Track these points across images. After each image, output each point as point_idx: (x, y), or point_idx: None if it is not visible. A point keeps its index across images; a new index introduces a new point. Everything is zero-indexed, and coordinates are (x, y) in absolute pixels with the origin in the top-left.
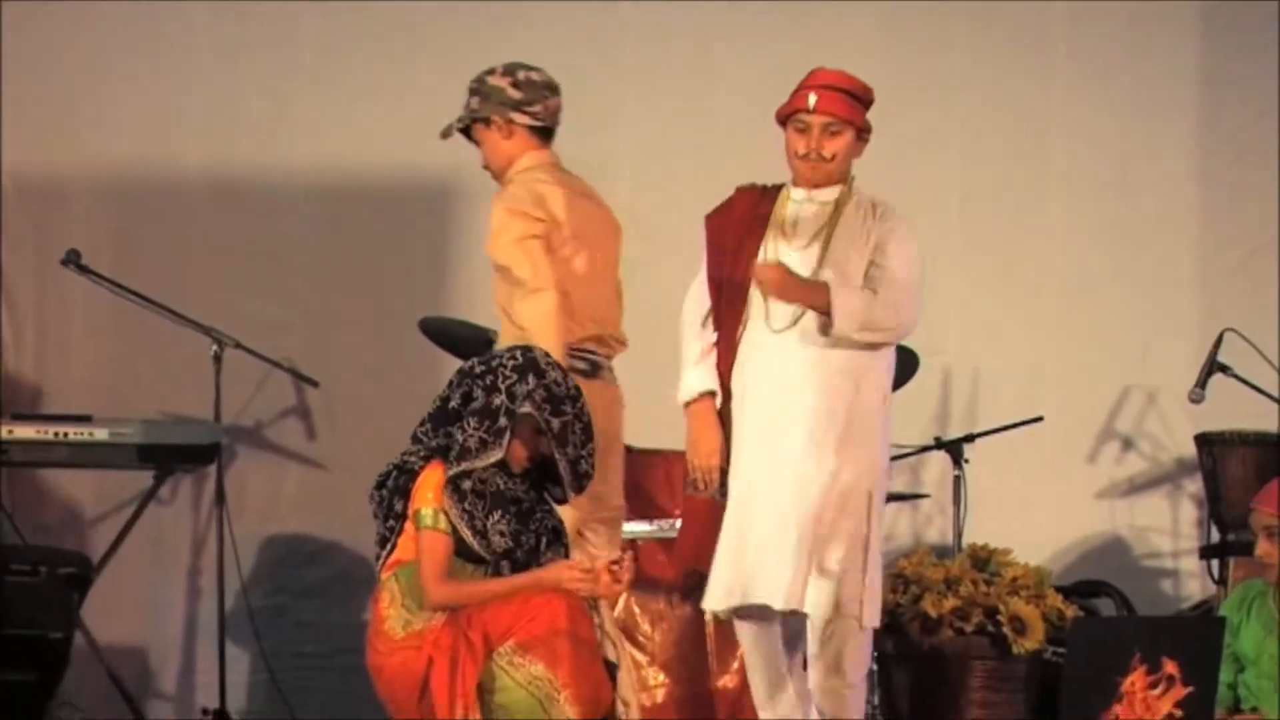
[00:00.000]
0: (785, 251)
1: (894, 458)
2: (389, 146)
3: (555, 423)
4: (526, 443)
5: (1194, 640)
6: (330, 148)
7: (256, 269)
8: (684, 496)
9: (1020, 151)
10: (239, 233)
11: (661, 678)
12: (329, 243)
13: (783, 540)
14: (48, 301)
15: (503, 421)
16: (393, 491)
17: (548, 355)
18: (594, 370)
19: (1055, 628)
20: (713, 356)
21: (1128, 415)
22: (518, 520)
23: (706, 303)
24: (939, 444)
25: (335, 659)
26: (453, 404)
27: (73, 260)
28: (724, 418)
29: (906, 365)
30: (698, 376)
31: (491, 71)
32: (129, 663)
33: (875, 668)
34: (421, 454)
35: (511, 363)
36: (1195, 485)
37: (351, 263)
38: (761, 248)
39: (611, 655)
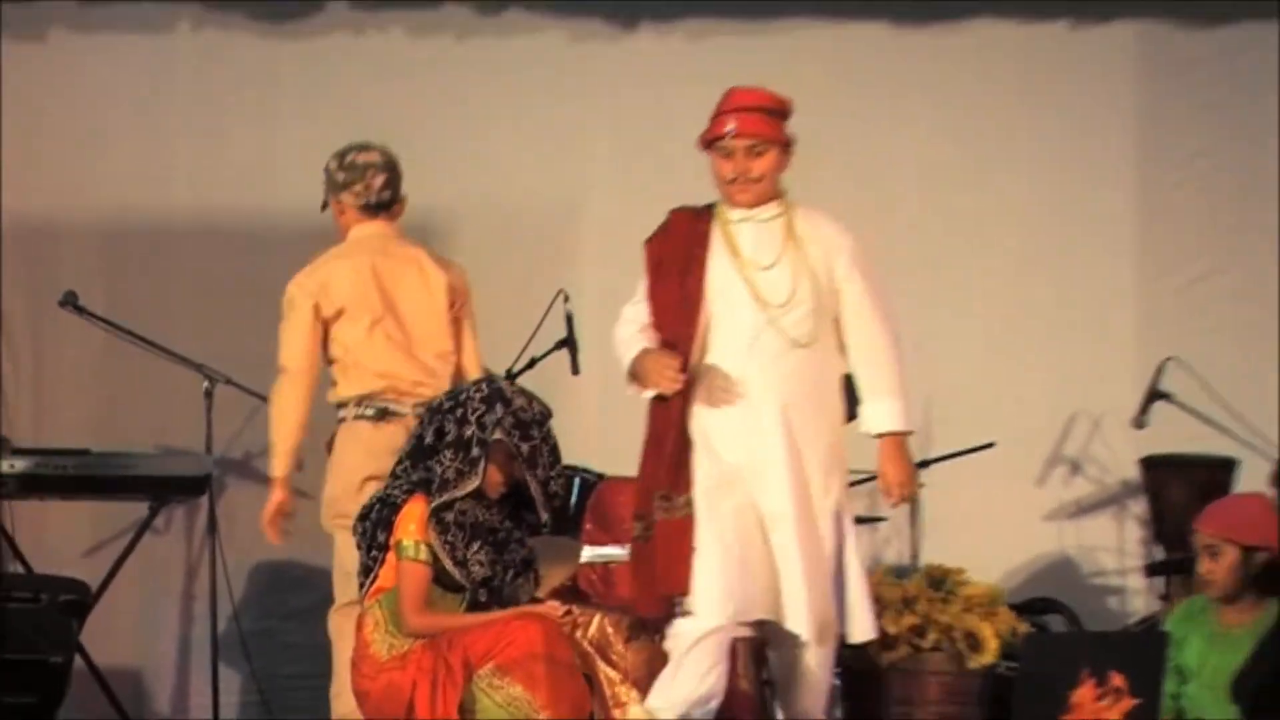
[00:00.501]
0: (759, 276)
1: (854, 483)
2: None
3: (525, 447)
4: (501, 468)
5: (1140, 654)
6: (311, 190)
7: (244, 307)
8: (658, 522)
9: (970, 187)
10: (227, 273)
11: (635, 695)
12: None
13: (806, 565)
14: (45, 340)
15: (476, 451)
16: (375, 523)
17: (512, 384)
18: (382, 415)
19: (1008, 643)
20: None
21: (1075, 440)
22: (494, 550)
23: (643, 319)
24: None
25: (321, 679)
26: (427, 440)
27: (70, 301)
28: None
29: None
30: (640, 344)
31: (335, 155)
32: (126, 684)
33: (839, 682)
34: (404, 487)
35: (479, 395)
36: (1140, 506)
37: None
38: (709, 267)
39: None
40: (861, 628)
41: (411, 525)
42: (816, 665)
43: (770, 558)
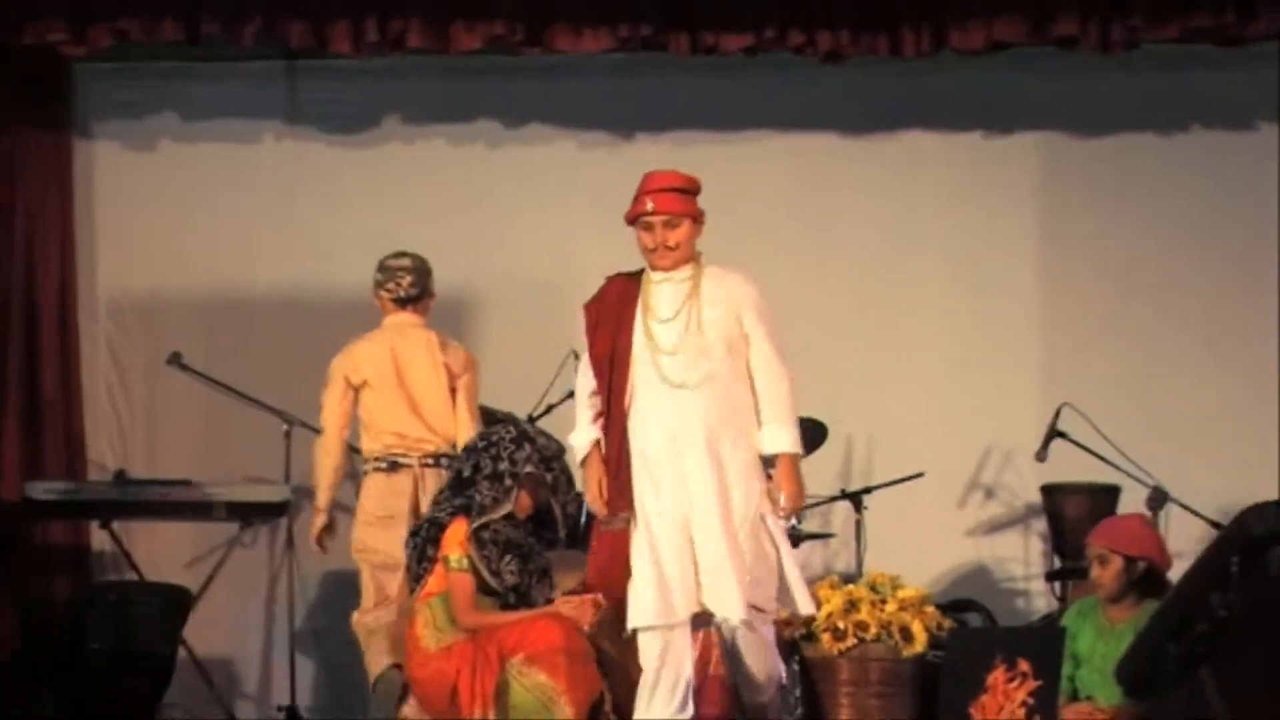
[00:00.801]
0: (656, 326)
1: (808, 506)
2: None
3: (549, 477)
4: (530, 494)
5: (1042, 645)
6: (370, 267)
7: (314, 364)
8: (596, 531)
9: (901, 265)
10: (301, 335)
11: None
12: None
13: (721, 561)
14: (155, 391)
15: (509, 481)
16: (425, 540)
17: (533, 425)
18: (393, 466)
19: (935, 636)
20: (599, 419)
21: (989, 471)
22: (521, 561)
23: (593, 380)
24: (844, 494)
25: None
26: (465, 474)
27: (175, 360)
28: (626, 462)
29: (817, 434)
30: (587, 433)
31: (379, 260)
32: (220, 672)
33: (797, 668)
34: (448, 511)
35: (508, 436)
36: (1041, 524)
37: None
38: (638, 324)
39: None
40: (803, 602)
41: (456, 543)
42: (752, 646)
43: (696, 559)
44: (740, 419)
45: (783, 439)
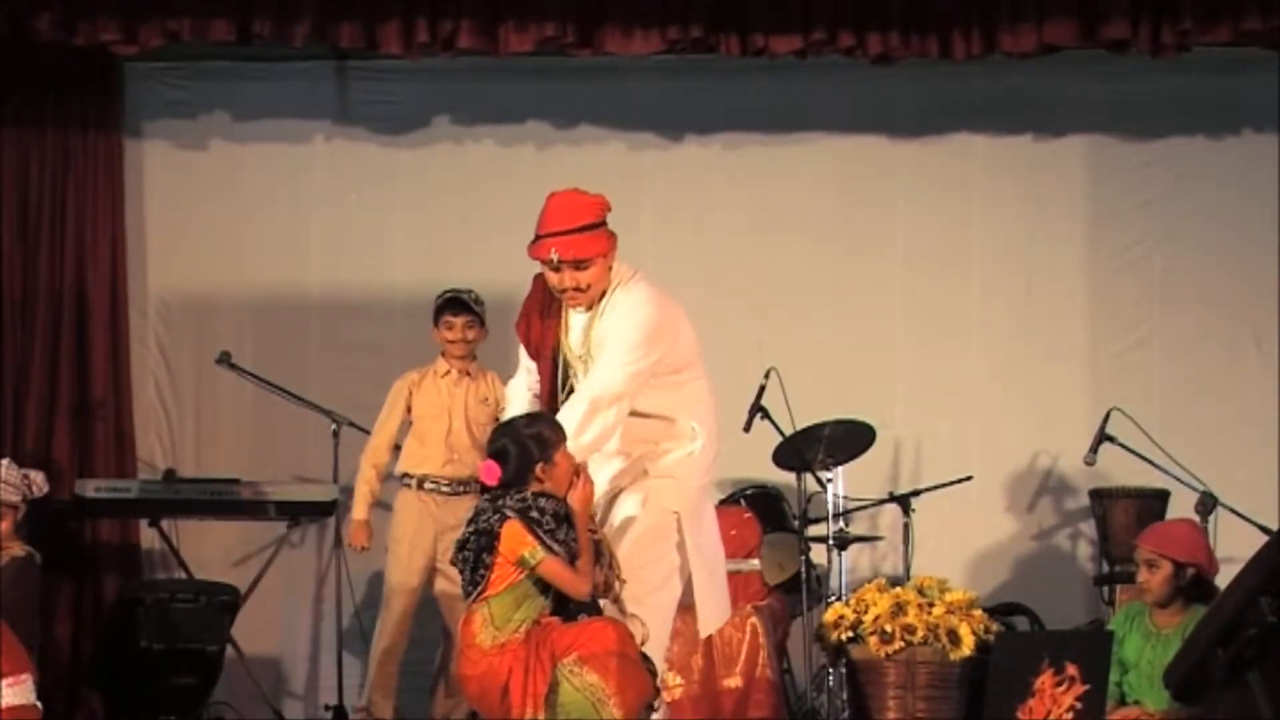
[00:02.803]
0: (577, 321)
1: (856, 509)
2: (467, 266)
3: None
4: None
5: (1089, 649)
6: (420, 268)
7: (364, 364)
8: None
9: (948, 267)
10: (350, 336)
11: (679, 680)
12: (421, 343)
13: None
14: (205, 391)
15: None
16: (478, 550)
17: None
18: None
19: (982, 640)
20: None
21: (1036, 474)
22: (571, 527)
23: (533, 377)
24: (891, 498)
25: (423, 665)
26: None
27: (225, 359)
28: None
29: (865, 436)
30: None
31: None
32: (268, 669)
33: (844, 671)
34: (495, 519)
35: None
36: (1089, 528)
37: (436, 358)
38: (563, 320)
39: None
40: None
41: (521, 541)
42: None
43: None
44: (659, 431)
45: None
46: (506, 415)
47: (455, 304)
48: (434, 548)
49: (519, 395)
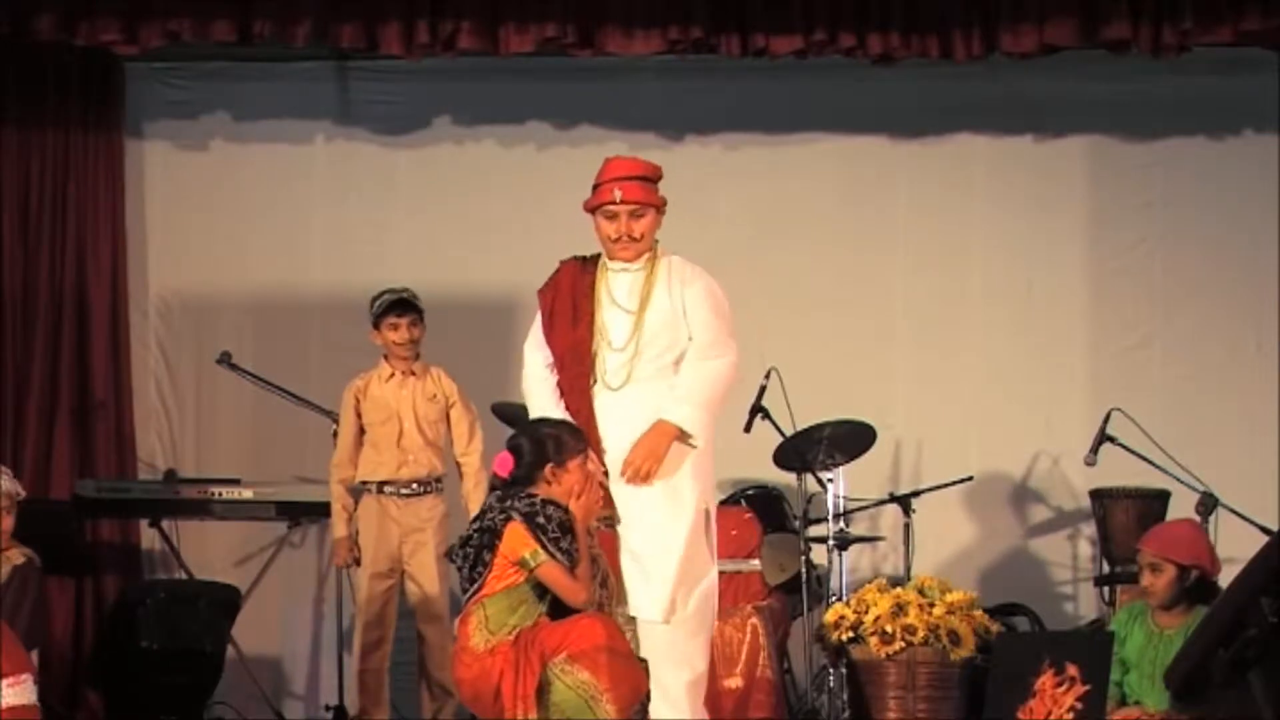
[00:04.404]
0: (614, 317)
1: (856, 510)
2: (467, 267)
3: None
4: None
5: (1090, 649)
6: (421, 268)
7: (364, 364)
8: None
9: (949, 267)
10: (350, 336)
11: None
12: (421, 344)
13: (659, 560)
14: (205, 390)
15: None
16: (479, 547)
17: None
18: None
19: (983, 640)
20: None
21: (1037, 475)
22: (574, 538)
23: (547, 354)
24: (892, 498)
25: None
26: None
27: (225, 359)
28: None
29: (865, 437)
30: (549, 405)
31: (371, 299)
32: (268, 670)
33: (844, 671)
34: (500, 518)
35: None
36: (1089, 529)
37: (437, 359)
38: (597, 316)
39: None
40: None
41: (524, 543)
42: (666, 645)
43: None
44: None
45: (673, 411)
46: (533, 403)
47: (401, 305)
48: (399, 551)
49: (541, 384)
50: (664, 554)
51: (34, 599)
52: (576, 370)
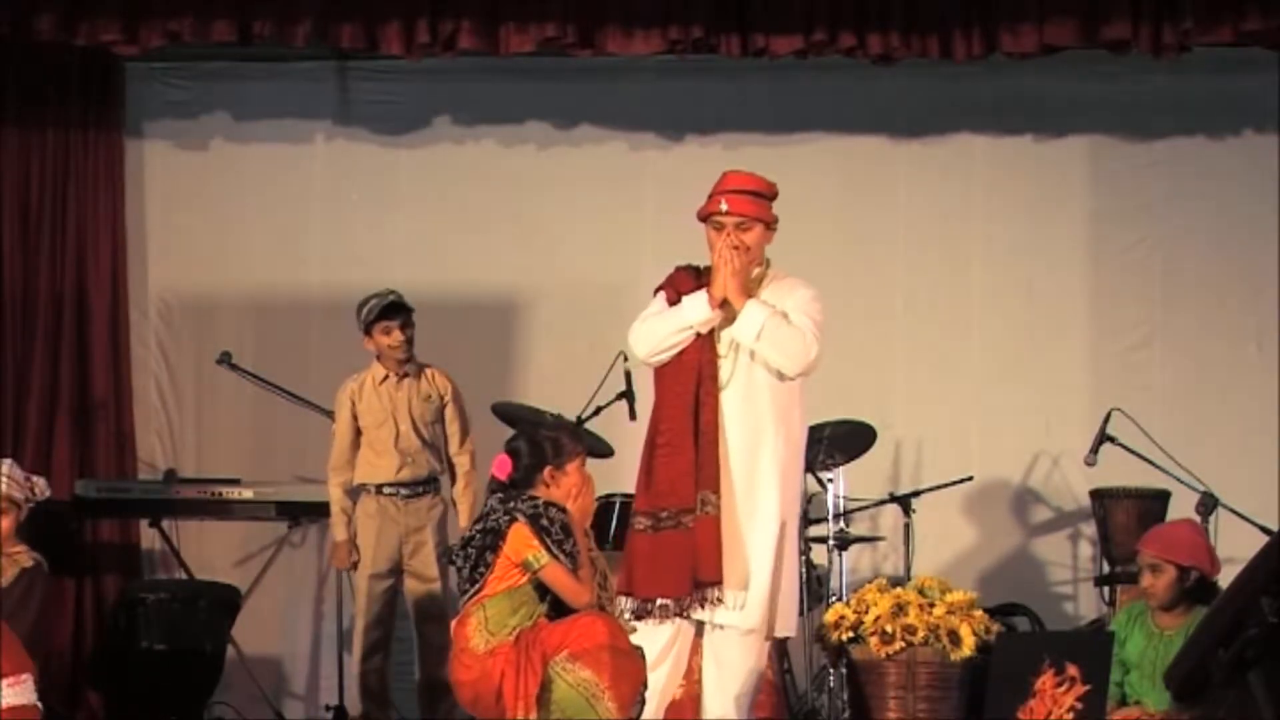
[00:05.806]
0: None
1: (856, 510)
2: (467, 267)
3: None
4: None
5: (1090, 649)
6: (421, 268)
7: (364, 364)
8: (630, 534)
9: (949, 267)
10: (350, 337)
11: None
12: (421, 342)
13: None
14: (205, 390)
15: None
16: (481, 548)
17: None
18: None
19: (982, 640)
20: None
21: (1037, 475)
22: (574, 541)
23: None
24: (892, 498)
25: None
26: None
27: (225, 359)
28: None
29: (866, 437)
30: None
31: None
32: (268, 670)
33: (844, 671)
34: (504, 519)
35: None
36: (1090, 529)
37: (439, 358)
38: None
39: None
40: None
41: (527, 545)
42: (741, 653)
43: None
44: (779, 420)
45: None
46: (666, 316)
47: (392, 309)
48: (399, 551)
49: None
50: (761, 564)
51: (40, 604)
52: (705, 389)
